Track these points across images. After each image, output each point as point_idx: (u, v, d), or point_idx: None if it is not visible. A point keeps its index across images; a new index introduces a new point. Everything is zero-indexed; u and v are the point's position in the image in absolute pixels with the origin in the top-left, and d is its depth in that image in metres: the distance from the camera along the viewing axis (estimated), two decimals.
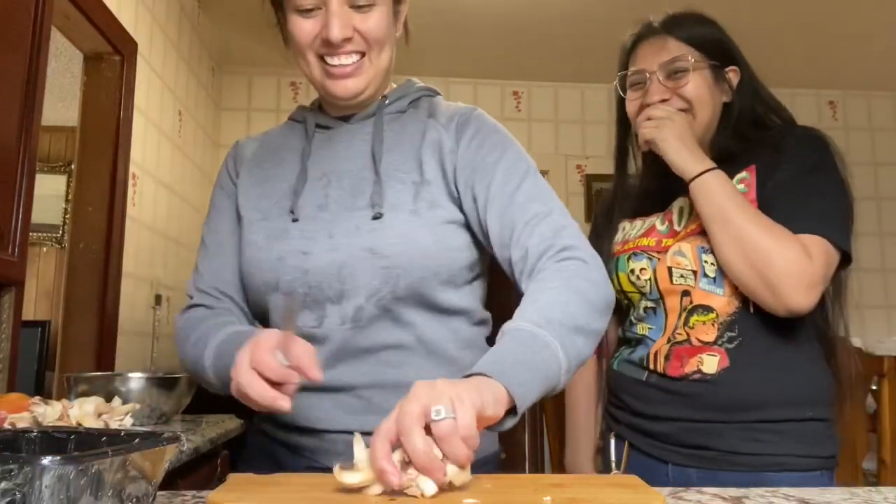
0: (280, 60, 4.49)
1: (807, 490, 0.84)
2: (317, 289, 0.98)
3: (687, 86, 1.27)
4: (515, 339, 0.81)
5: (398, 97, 1.09)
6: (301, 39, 1.00)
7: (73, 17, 2.26)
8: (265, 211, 1.04)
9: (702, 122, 1.29)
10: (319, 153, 1.07)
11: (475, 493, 0.70)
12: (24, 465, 0.47)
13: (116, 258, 2.59)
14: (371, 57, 1.01)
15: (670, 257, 1.25)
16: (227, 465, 1.88)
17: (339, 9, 0.97)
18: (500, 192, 0.98)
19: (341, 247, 0.97)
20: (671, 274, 1.24)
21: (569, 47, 4.13)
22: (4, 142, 1.68)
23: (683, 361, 1.21)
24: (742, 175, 1.24)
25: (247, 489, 0.71)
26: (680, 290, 1.24)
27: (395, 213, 0.98)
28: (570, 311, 0.85)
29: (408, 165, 1.02)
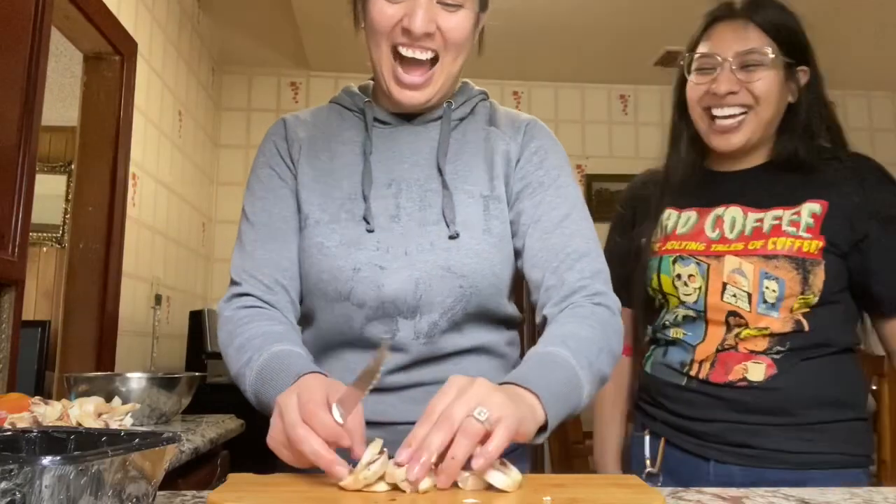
0: (280, 60, 4.50)
1: (807, 490, 0.84)
2: (390, 303, 0.97)
3: (759, 82, 1.20)
4: (565, 373, 0.84)
5: (462, 102, 1.07)
6: (380, 24, 0.95)
7: (73, 17, 2.26)
8: (333, 214, 1.00)
9: (762, 121, 1.22)
10: (382, 154, 1.04)
11: (475, 493, 0.70)
12: (24, 465, 0.47)
13: (116, 258, 2.59)
14: (445, 61, 0.98)
15: (727, 273, 1.20)
16: (227, 465, 1.89)
17: (427, 1, 0.94)
18: (549, 215, 1.00)
19: (418, 264, 0.97)
20: (724, 290, 1.20)
21: (569, 47, 4.13)
22: (4, 142, 1.68)
23: (728, 368, 1.19)
24: (814, 208, 1.19)
25: (247, 489, 0.71)
26: (728, 308, 1.19)
27: (469, 232, 0.98)
28: (602, 360, 0.90)
29: (475, 177, 1.02)
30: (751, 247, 1.20)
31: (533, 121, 1.08)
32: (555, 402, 0.80)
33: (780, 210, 1.21)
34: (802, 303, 1.17)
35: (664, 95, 4.78)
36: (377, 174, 1.02)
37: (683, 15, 4.33)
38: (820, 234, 1.17)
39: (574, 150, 4.66)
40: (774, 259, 1.17)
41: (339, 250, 0.98)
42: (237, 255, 1.04)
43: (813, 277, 1.16)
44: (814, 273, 1.16)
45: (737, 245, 1.21)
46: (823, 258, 1.16)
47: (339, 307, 0.98)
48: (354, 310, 0.98)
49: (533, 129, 1.06)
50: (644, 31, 3.91)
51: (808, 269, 1.16)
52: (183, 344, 3.33)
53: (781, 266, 1.17)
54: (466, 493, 0.70)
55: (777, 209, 1.21)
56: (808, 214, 1.19)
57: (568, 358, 0.85)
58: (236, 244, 1.06)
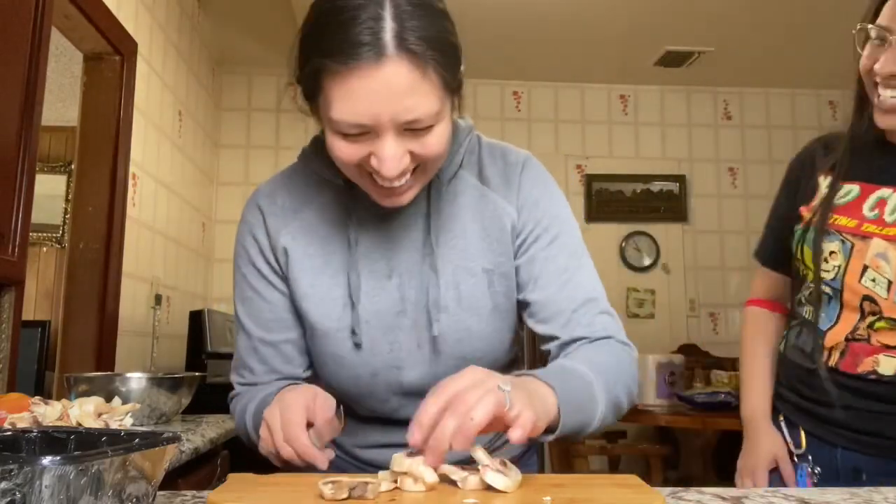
0: (280, 60, 4.47)
1: (807, 490, 0.84)
2: (413, 393, 0.97)
3: None
4: (582, 381, 0.84)
5: (450, 159, 0.97)
6: (344, 160, 0.84)
7: (73, 17, 2.26)
8: (338, 319, 0.96)
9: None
10: (371, 237, 0.96)
11: (475, 493, 0.70)
12: (24, 465, 0.47)
13: (116, 258, 2.59)
14: (427, 168, 0.87)
15: (871, 256, 1.14)
16: (227, 465, 1.89)
17: (393, 140, 0.80)
18: (546, 269, 0.97)
19: (433, 358, 0.96)
20: (864, 273, 1.15)
21: (569, 47, 4.13)
22: (4, 142, 1.68)
23: (858, 360, 1.16)
24: None
25: (247, 489, 0.71)
26: (864, 292, 1.15)
27: (477, 317, 0.96)
28: (619, 389, 0.90)
29: (474, 249, 0.96)
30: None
31: (523, 166, 1.00)
32: (569, 405, 0.79)
33: None
34: None
35: (664, 95, 4.80)
36: (371, 262, 0.96)
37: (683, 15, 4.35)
38: None
39: (574, 150, 4.67)
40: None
41: (354, 357, 0.96)
42: (235, 359, 1.05)
43: None
44: None
45: (890, 229, 1.14)
46: None
47: (364, 402, 1.01)
48: (379, 404, 1.00)
49: (524, 178, 0.99)
50: (644, 31, 3.91)
51: None
52: (183, 344, 3.33)
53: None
54: (466, 493, 0.70)
55: None
56: None
57: (586, 372, 0.85)
58: (235, 345, 1.05)
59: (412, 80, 0.78)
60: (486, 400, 0.70)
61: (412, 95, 0.78)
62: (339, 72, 0.77)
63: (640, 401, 3.39)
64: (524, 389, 0.75)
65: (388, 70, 0.76)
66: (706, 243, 4.72)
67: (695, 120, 4.81)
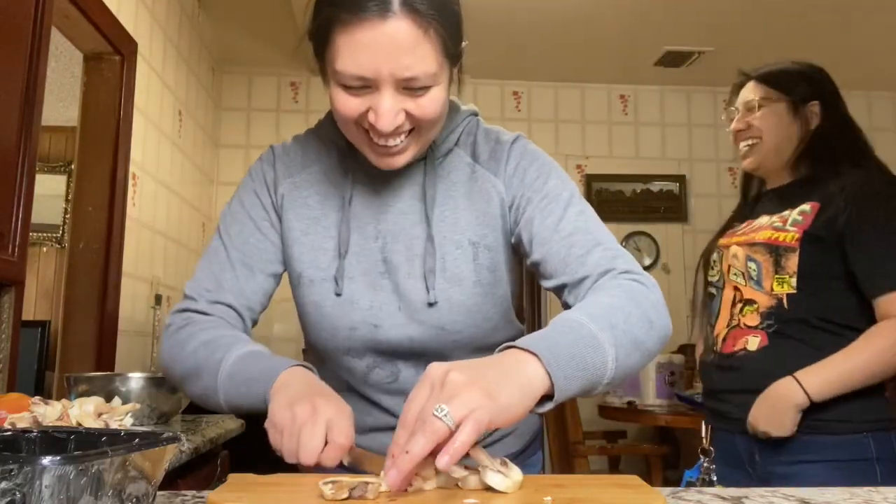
0: (280, 60, 4.50)
1: (807, 490, 0.84)
2: (389, 353, 0.99)
3: (759, 116, 1.59)
4: (575, 332, 0.78)
5: (446, 135, 1.01)
6: (345, 115, 0.89)
7: (73, 17, 2.26)
8: (325, 269, 0.99)
9: (774, 148, 1.57)
10: (365, 199, 1.01)
11: (475, 493, 0.70)
12: (24, 465, 0.47)
13: (116, 258, 2.59)
14: (421, 132, 0.92)
15: (730, 258, 1.57)
16: (227, 465, 1.88)
17: (391, 96, 0.85)
18: (543, 225, 0.95)
19: (411, 323, 0.98)
20: (730, 271, 1.56)
21: (569, 47, 4.13)
22: (4, 142, 1.68)
23: (735, 342, 1.51)
24: (805, 208, 1.49)
25: (247, 489, 0.71)
26: (733, 284, 1.55)
27: (459, 288, 0.97)
28: (632, 322, 0.82)
29: (463, 223, 0.99)
30: (743, 238, 1.56)
31: (511, 142, 1.02)
32: (564, 365, 0.74)
33: (785, 210, 1.52)
34: (781, 283, 1.46)
35: (664, 95, 4.80)
36: (363, 223, 1.00)
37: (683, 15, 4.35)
38: (801, 228, 1.46)
39: (574, 150, 4.66)
40: (755, 245, 1.51)
41: (335, 310, 0.98)
42: (200, 270, 1.02)
43: (785, 261, 1.46)
44: (786, 258, 1.46)
45: (739, 238, 1.58)
46: (800, 247, 1.44)
47: (340, 360, 1.02)
48: (355, 361, 1.01)
49: (512, 151, 1.01)
50: (644, 31, 3.91)
51: (781, 254, 1.46)
52: None
53: (758, 251, 1.50)
54: (466, 493, 0.70)
55: (784, 210, 1.53)
56: (798, 213, 1.49)
57: (583, 321, 0.79)
58: (203, 257, 1.03)
59: (414, 38, 0.83)
60: (419, 439, 0.65)
61: (412, 53, 0.83)
62: (348, 22, 0.83)
63: (640, 401, 3.40)
64: (483, 383, 0.69)
65: (392, 25, 0.82)
66: (706, 243, 4.71)
67: (695, 120, 4.81)
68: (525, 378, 0.72)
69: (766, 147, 1.58)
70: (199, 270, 1.02)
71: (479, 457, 0.73)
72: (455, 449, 0.64)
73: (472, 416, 0.65)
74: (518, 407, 0.70)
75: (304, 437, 0.76)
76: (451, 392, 0.67)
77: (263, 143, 4.50)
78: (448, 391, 0.67)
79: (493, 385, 0.69)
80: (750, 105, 1.61)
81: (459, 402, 0.66)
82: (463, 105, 1.06)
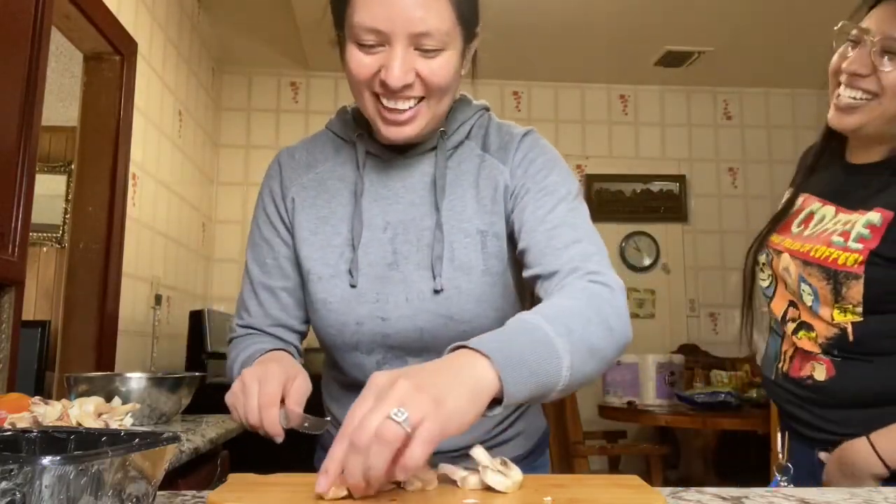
0: (280, 60, 4.50)
1: (807, 490, 0.84)
2: (398, 348, 1.00)
3: (892, 73, 1.12)
4: (530, 335, 0.76)
5: (457, 126, 1.03)
6: (358, 75, 0.91)
7: (73, 17, 2.26)
8: (333, 266, 1.00)
9: (885, 114, 1.14)
10: (375, 190, 1.02)
11: (475, 493, 0.70)
12: (24, 465, 0.47)
13: (116, 258, 2.59)
14: (430, 103, 0.93)
15: (781, 268, 1.22)
16: (227, 465, 1.89)
17: (403, 52, 0.88)
18: (534, 215, 0.96)
19: (419, 313, 0.97)
20: (785, 282, 1.22)
21: (569, 47, 4.14)
22: (4, 142, 1.68)
23: (802, 364, 1.21)
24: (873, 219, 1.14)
25: (247, 489, 0.71)
26: (788, 298, 1.22)
27: (467, 276, 0.97)
28: (591, 329, 0.80)
29: (470, 211, 0.99)
30: (801, 248, 1.20)
31: (523, 135, 1.03)
32: (515, 368, 0.71)
33: (851, 213, 1.16)
34: (842, 311, 1.14)
35: (664, 95, 4.80)
36: (372, 216, 1.01)
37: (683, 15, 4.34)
38: (869, 246, 1.12)
39: (574, 150, 4.66)
40: (809, 266, 1.16)
41: (341, 305, 0.99)
42: (237, 303, 1.10)
43: (846, 290, 1.13)
44: (847, 286, 1.13)
45: (794, 243, 1.21)
46: (866, 272, 1.11)
47: (349, 356, 1.02)
48: (364, 357, 1.01)
49: (522, 143, 1.02)
50: (644, 31, 3.91)
51: (841, 282, 1.13)
52: (183, 344, 3.33)
53: (814, 274, 1.16)
54: (466, 493, 0.70)
55: (856, 212, 1.16)
56: (864, 225, 1.13)
57: (540, 323, 0.77)
58: (241, 286, 1.12)
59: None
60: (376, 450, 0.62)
61: (427, 9, 0.87)
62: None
63: (640, 401, 3.40)
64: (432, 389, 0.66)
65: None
66: (706, 243, 4.72)
67: (695, 120, 4.81)
68: (474, 380, 0.69)
69: (885, 112, 1.14)
70: (238, 300, 1.10)
71: (480, 456, 0.73)
72: (408, 466, 0.62)
73: (424, 426, 0.62)
74: (467, 413, 0.67)
75: (246, 403, 0.85)
76: (400, 398, 0.64)
77: (263, 143, 4.52)
78: (396, 397, 0.64)
79: (442, 392, 0.66)
80: (892, 47, 1.12)
81: (414, 405, 0.63)
82: (475, 101, 1.08)
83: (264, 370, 0.87)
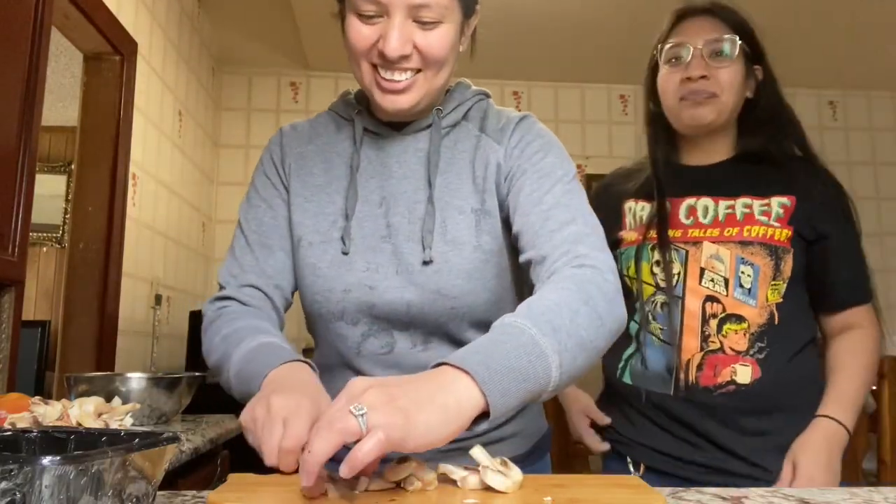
0: (280, 60, 4.50)
1: (806, 490, 0.84)
2: (383, 320, 0.99)
3: (724, 70, 1.28)
4: (515, 340, 0.74)
5: (453, 108, 1.04)
6: (357, 45, 0.94)
7: (73, 17, 2.26)
8: (325, 233, 1.01)
9: (727, 106, 1.29)
10: (371, 166, 1.03)
11: (475, 493, 0.70)
12: (24, 465, 0.47)
13: (116, 258, 2.59)
14: (427, 75, 0.95)
15: (705, 259, 1.24)
16: (227, 465, 1.89)
17: (401, 22, 0.90)
18: (529, 198, 0.95)
19: (408, 286, 0.97)
20: (702, 275, 1.23)
21: (569, 47, 4.13)
22: (4, 142, 1.68)
23: (717, 371, 1.20)
24: (783, 201, 1.25)
25: (247, 489, 0.71)
26: (705, 293, 1.22)
27: (458, 251, 0.97)
28: (579, 322, 0.78)
29: (465, 190, 1.00)
30: (727, 233, 1.25)
31: (520, 118, 1.04)
32: (500, 381, 0.69)
33: (748, 199, 1.26)
34: (774, 291, 1.22)
35: None
36: (368, 191, 1.02)
37: None
38: (788, 225, 1.23)
39: (574, 150, 4.66)
40: (750, 245, 1.23)
41: (330, 271, 0.99)
42: (226, 260, 1.08)
43: (783, 265, 1.22)
44: (784, 260, 1.22)
45: (713, 231, 1.26)
46: (792, 247, 1.23)
47: (334, 326, 1.01)
48: (349, 328, 1.00)
49: (519, 126, 1.02)
50: (644, 31, 3.90)
51: (780, 256, 1.22)
52: (183, 344, 3.33)
53: (757, 252, 1.22)
54: (466, 493, 0.70)
55: (746, 197, 1.26)
56: (778, 206, 1.25)
57: (524, 326, 0.75)
58: (229, 248, 1.09)
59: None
60: (324, 435, 0.63)
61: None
62: None
63: None
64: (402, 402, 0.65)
65: None
66: None
67: None
68: (453, 399, 0.67)
69: (726, 105, 1.28)
70: (226, 258, 1.08)
71: (479, 456, 0.73)
72: (356, 458, 0.61)
73: (383, 430, 0.62)
74: (439, 430, 0.65)
75: (264, 439, 0.75)
76: (369, 403, 0.64)
77: (263, 144, 4.47)
78: (366, 401, 0.64)
79: (412, 406, 0.65)
80: (719, 48, 1.28)
81: (380, 412, 0.63)
82: (475, 86, 1.09)
83: (296, 405, 0.76)
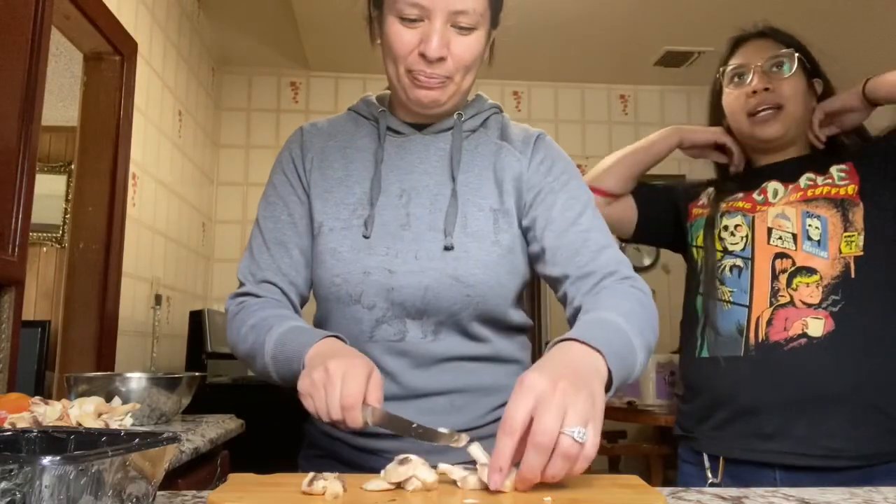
0: (280, 60, 4.50)
1: (807, 490, 0.84)
2: (399, 306, 1.00)
3: (785, 83, 1.34)
4: (618, 335, 0.83)
5: (473, 114, 1.10)
6: (398, 48, 0.98)
7: (73, 17, 2.26)
8: (345, 220, 1.04)
9: (794, 117, 1.34)
10: (392, 162, 1.07)
11: (475, 493, 0.70)
12: (24, 465, 0.47)
13: (116, 258, 2.59)
14: (456, 79, 1.01)
15: (771, 219, 1.29)
16: (227, 465, 1.88)
17: (442, 27, 0.96)
18: (563, 216, 1.01)
19: (427, 271, 1.00)
20: (770, 234, 1.28)
21: (569, 47, 4.13)
22: (4, 142, 1.68)
23: (788, 325, 1.20)
24: (841, 167, 1.29)
25: (247, 489, 0.71)
26: (774, 251, 1.26)
27: (478, 243, 1.01)
28: (646, 330, 0.90)
29: (485, 190, 1.04)
30: (791, 198, 1.30)
31: (542, 134, 1.11)
32: (616, 361, 0.79)
33: (811, 174, 1.30)
34: (849, 243, 1.22)
35: (664, 95, 4.80)
36: (389, 184, 1.05)
37: (683, 15, 4.34)
38: (852, 181, 1.26)
39: (574, 150, 4.66)
40: (814, 201, 1.26)
41: (351, 255, 1.01)
42: (244, 257, 1.10)
43: (852, 216, 1.23)
44: (852, 212, 1.23)
45: (779, 204, 1.31)
46: (861, 200, 1.24)
47: (350, 310, 1.02)
48: (365, 312, 1.01)
49: (541, 142, 1.09)
50: (644, 31, 3.90)
51: (847, 208, 1.23)
52: (183, 344, 3.33)
53: (821, 205, 1.25)
54: (466, 493, 0.70)
55: (809, 173, 1.31)
56: (837, 170, 1.28)
57: (621, 323, 0.85)
58: (247, 245, 1.11)
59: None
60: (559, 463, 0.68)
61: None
62: None
63: (640, 401, 3.40)
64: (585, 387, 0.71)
65: None
66: None
67: (695, 120, 4.78)
68: (601, 376, 0.76)
69: (793, 116, 1.33)
70: (244, 255, 1.10)
71: (478, 455, 0.73)
72: (572, 473, 0.69)
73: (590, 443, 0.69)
74: (600, 402, 0.73)
75: (328, 398, 0.81)
76: (565, 405, 0.69)
77: (263, 143, 4.52)
78: (560, 404, 0.69)
79: (591, 388, 0.72)
80: (778, 63, 1.38)
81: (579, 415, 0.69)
82: (490, 99, 1.15)
83: (350, 364, 0.83)
